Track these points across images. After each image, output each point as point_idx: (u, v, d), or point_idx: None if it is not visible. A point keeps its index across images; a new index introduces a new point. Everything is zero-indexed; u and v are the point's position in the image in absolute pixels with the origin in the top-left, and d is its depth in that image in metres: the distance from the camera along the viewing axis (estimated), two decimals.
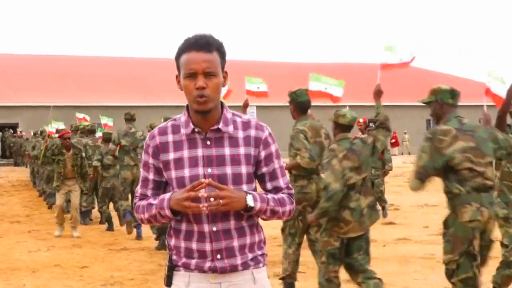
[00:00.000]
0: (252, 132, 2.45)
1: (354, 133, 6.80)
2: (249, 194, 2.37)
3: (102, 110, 22.83)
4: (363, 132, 11.00)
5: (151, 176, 2.48)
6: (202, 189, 2.30)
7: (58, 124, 14.19)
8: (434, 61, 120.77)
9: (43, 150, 11.93)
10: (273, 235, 8.52)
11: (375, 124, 5.52)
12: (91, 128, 13.06)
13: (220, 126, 2.40)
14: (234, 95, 9.53)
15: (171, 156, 2.42)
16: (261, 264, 2.48)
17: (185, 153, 2.40)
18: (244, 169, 2.40)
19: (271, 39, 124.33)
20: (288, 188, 2.52)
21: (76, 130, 13.73)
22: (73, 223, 10.27)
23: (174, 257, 2.47)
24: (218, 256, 2.39)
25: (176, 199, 2.33)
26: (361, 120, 11.08)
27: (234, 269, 2.40)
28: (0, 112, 36.26)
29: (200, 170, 2.37)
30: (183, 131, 2.42)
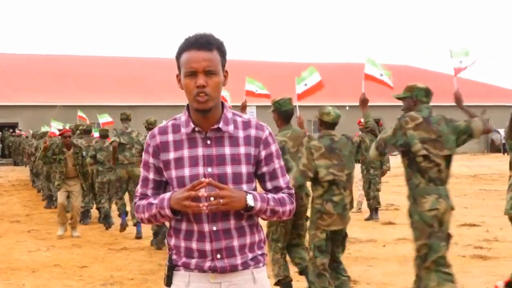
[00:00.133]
0: (252, 132, 2.44)
1: (355, 133, 6.79)
2: (249, 193, 2.36)
3: (102, 110, 22.77)
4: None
5: (151, 176, 2.48)
6: (202, 189, 2.30)
7: (58, 124, 14.15)
8: (434, 61, 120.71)
9: (42, 149, 11.90)
10: None
11: (366, 129, 5.84)
12: (86, 128, 13.08)
13: (221, 125, 2.39)
14: (233, 95, 9.52)
15: (171, 155, 2.41)
16: (261, 264, 2.48)
17: (185, 152, 2.40)
18: (244, 169, 2.40)
19: (271, 39, 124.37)
20: (288, 188, 2.52)
21: (76, 129, 13.71)
22: (73, 223, 10.28)
23: (174, 256, 2.46)
24: (218, 256, 2.38)
25: (176, 198, 2.33)
26: (362, 120, 11.04)
27: (234, 268, 2.40)
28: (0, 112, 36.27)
29: (200, 170, 2.37)
30: (184, 131, 2.42)
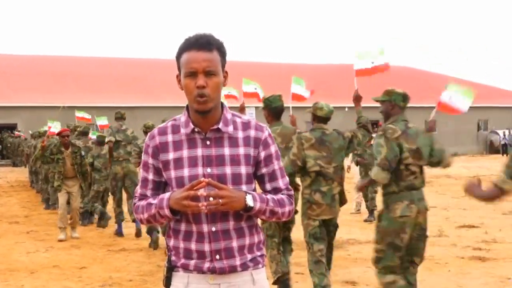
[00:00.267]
0: (251, 133, 2.44)
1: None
2: (249, 194, 2.36)
3: (102, 110, 22.78)
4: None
5: (151, 176, 2.48)
6: (202, 188, 2.29)
7: (55, 124, 14.09)
8: (434, 61, 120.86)
9: (39, 148, 11.87)
10: None
11: (358, 125, 5.96)
12: (84, 130, 13.09)
13: (220, 126, 2.39)
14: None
15: (171, 156, 2.41)
16: (260, 265, 2.47)
17: (185, 153, 2.39)
18: (243, 170, 2.40)
19: (268, 40, 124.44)
20: (288, 189, 2.51)
21: (74, 130, 13.69)
22: (72, 224, 10.25)
23: (173, 257, 2.46)
24: (217, 257, 2.38)
25: (176, 198, 2.32)
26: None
27: (233, 269, 2.39)
28: None
29: (200, 170, 2.37)
30: (183, 131, 2.41)
